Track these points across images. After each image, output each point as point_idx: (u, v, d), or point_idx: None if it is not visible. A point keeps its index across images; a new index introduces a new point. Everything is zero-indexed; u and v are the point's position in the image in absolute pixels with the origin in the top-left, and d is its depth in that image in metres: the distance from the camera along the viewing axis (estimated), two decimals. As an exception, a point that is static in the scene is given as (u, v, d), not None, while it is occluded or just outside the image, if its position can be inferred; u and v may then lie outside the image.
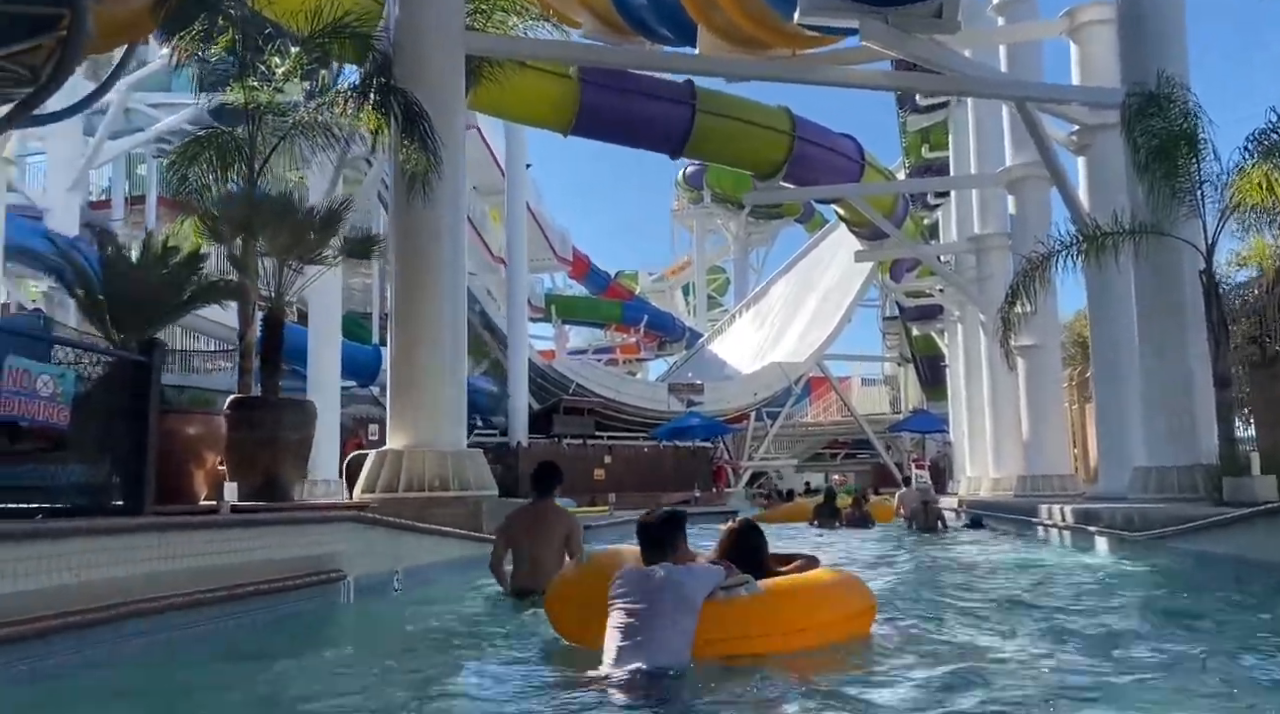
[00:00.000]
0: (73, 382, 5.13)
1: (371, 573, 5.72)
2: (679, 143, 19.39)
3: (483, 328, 32.62)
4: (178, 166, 8.91)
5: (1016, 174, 19.25)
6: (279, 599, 4.70)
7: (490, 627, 5.45)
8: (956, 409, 28.85)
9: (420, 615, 5.80)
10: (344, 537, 5.33)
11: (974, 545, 13.18)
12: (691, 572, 4.26)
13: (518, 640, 5.03)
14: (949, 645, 4.88)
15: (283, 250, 7.64)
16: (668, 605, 4.05)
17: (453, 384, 10.06)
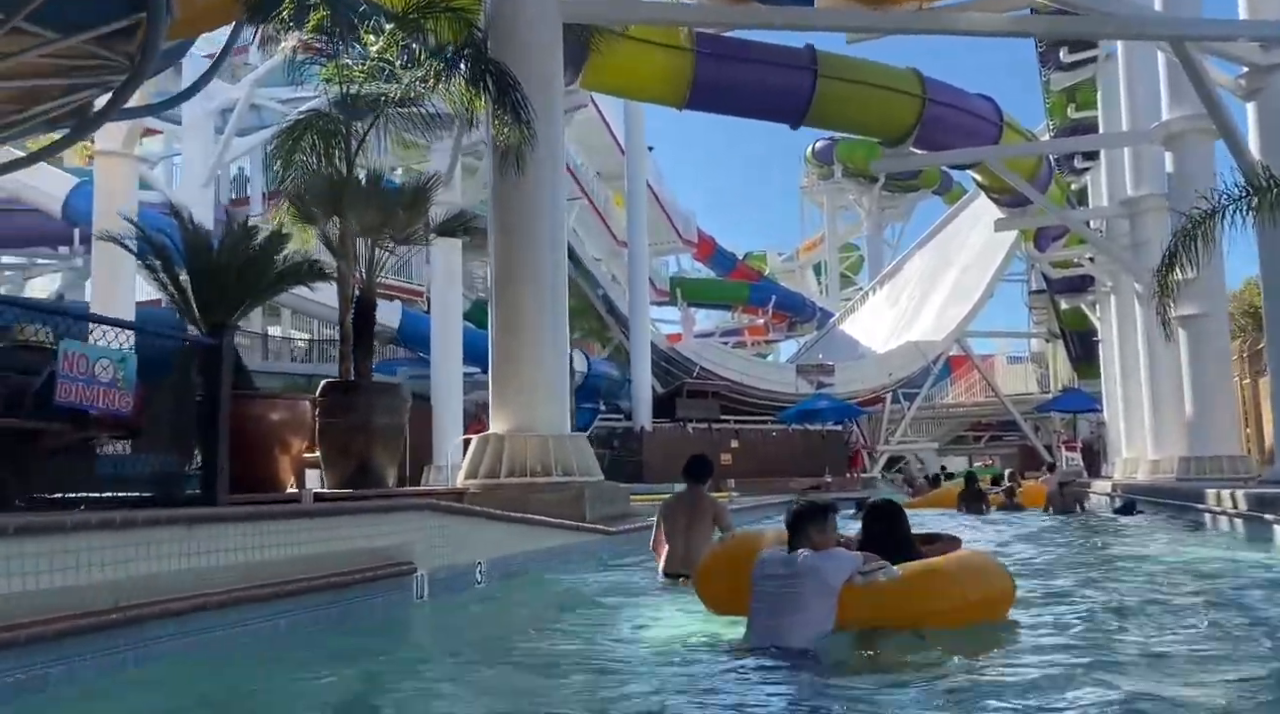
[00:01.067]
0: (135, 366, 4.94)
1: (450, 565, 5.39)
2: (800, 111, 18.53)
3: (606, 312, 32.58)
4: (281, 152, 8.85)
5: (1175, 128, 17.47)
6: (337, 596, 4.40)
7: (584, 613, 5.47)
8: (1110, 387, 26.85)
9: (496, 610, 5.48)
10: (416, 527, 5.01)
11: (1121, 532, 12.15)
12: (831, 557, 4.46)
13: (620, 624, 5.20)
14: (1084, 640, 4.70)
15: (372, 229, 7.43)
16: (807, 589, 4.31)
17: (554, 366, 9.72)
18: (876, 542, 4.76)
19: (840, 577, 4.38)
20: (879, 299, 43.25)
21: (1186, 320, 16.38)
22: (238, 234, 6.38)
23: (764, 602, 4.41)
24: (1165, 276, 10.75)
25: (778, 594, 4.37)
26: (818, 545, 4.53)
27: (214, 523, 4.00)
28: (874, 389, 34.87)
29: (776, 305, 50.75)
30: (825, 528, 4.63)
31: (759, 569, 4.51)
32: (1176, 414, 18.13)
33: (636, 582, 6.96)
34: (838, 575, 4.38)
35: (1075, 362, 36.80)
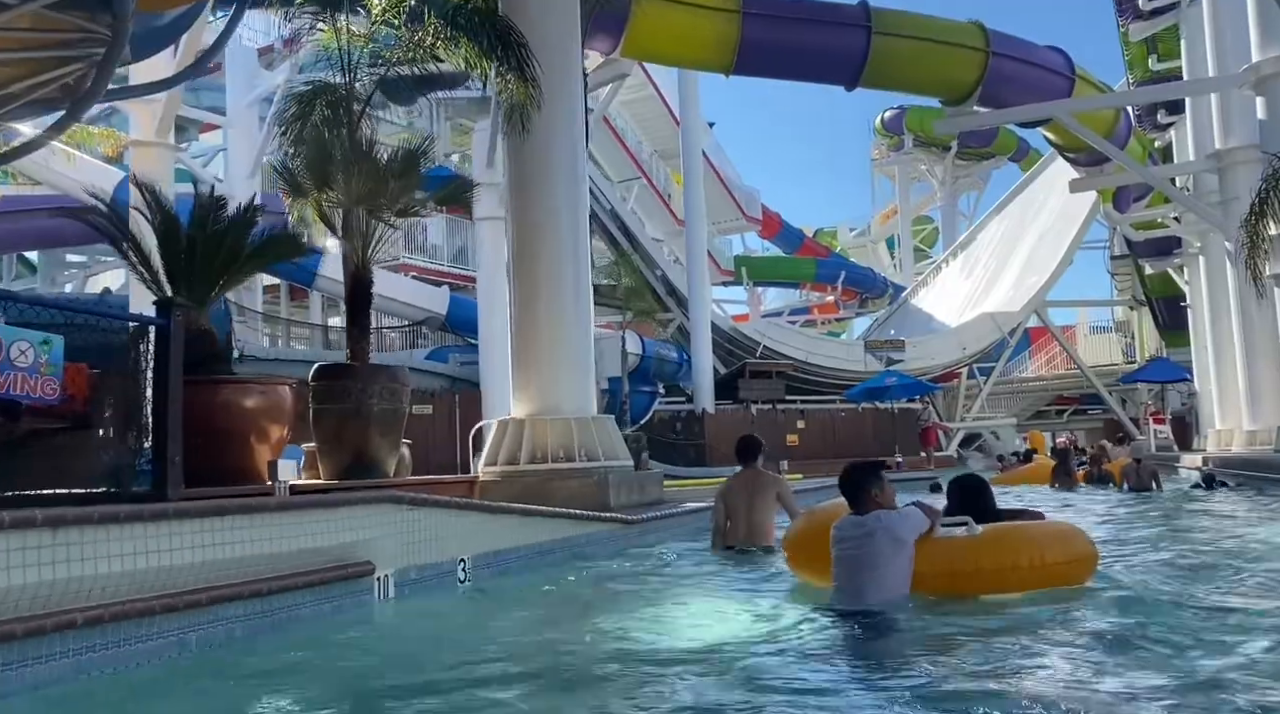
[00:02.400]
0: (61, 349, 4.47)
1: (424, 564, 4.85)
2: (855, 72, 17.55)
3: (666, 293, 31.87)
4: (292, 126, 8.42)
5: (1266, 70, 16.08)
6: (267, 605, 3.87)
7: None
8: (1201, 355, 25.19)
9: (473, 612, 4.92)
10: (376, 523, 4.47)
11: (1197, 510, 11.26)
12: (903, 515, 4.70)
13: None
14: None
15: (361, 199, 6.92)
16: (883, 547, 4.52)
17: (577, 344, 9.13)
18: (960, 510, 4.92)
19: (910, 531, 4.61)
20: (952, 271, 41.63)
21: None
22: (206, 207, 5.92)
23: (841, 565, 4.69)
24: (1255, 227, 9.66)
25: (853, 555, 4.62)
26: (882, 504, 4.77)
27: (121, 523, 3.50)
28: (947, 364, 33.49)
29: (846, 281, 49.35)
30: (882, 485, 4.87)
31: (835, 536, 4.78)
32: (1274, 382, 16.84)
33: (657, 571, 6.40)
34: (908, 529, 4.60)
35: (1163, 329, 34.80)
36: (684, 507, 8.87)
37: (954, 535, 4.67)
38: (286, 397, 6.19)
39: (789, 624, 4.42)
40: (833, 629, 4.26)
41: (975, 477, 5.45)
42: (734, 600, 5.22)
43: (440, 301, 21.37)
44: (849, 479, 4.92)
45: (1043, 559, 4.78)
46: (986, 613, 4.41)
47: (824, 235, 64.85)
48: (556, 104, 8.98)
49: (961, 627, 4.19)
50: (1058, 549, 4.92)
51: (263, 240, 6.13)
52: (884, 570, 4.52)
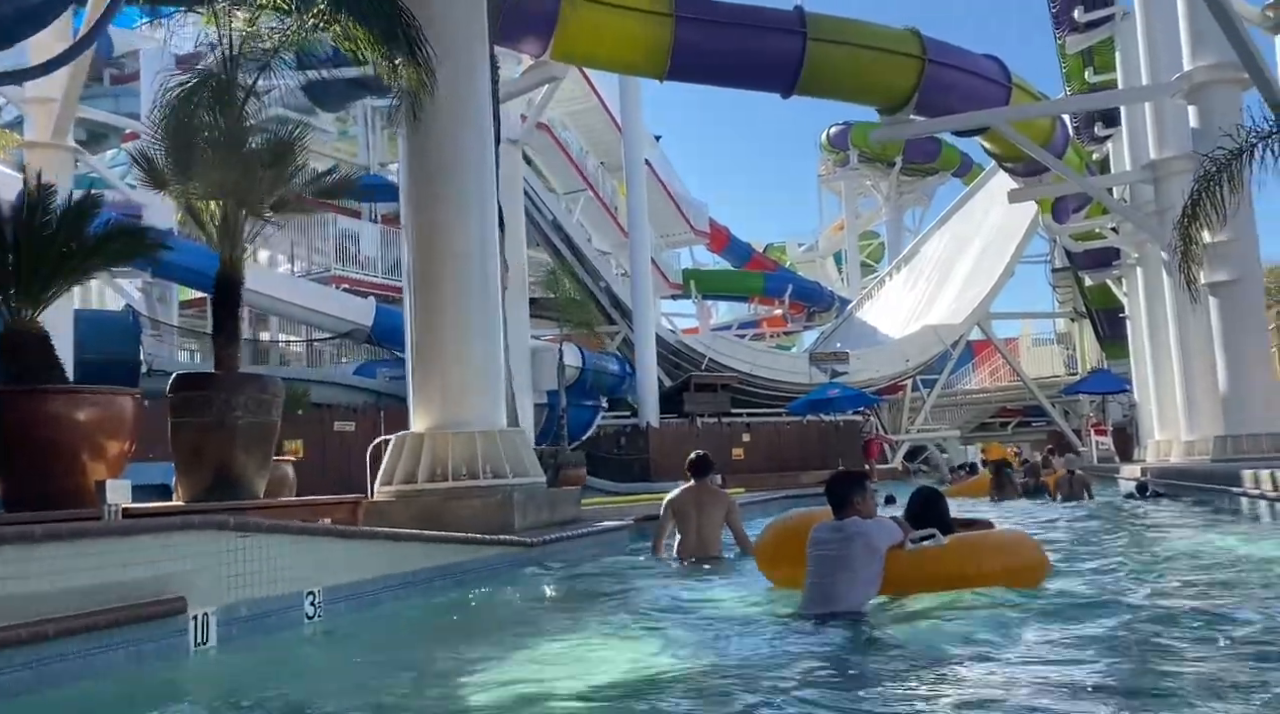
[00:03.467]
0: None
1: (259, 598, 4.21)
2: (790, 78, 17.19)
3: (611, 306, 31.36)
4: (172, 118, 7.71)
5: (1198, 79, 16.02)
6: (36, 653, 3.23)
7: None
8: (1140, 366, 25.30)
9: (310, 656, 4.30)
10: (195, 553, 3.84)
11: (1127, 516, 11.79)
12: (878, 524, 4.97)
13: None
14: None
15: (227, 191, 6.27)
16: (859, 552, 4.76)
17: (484, 353, 8.52)
18: (920, 523, 5.22)
19: (885, 540, 4.89)
20: (896, 284, 41.71)
21: (1217, 287, 14.94)
22: (34, 201, 5.24)
23: (816, 565, 4.92)
24: (1187, 230, 9.38)
25: (829, 557, 4.85)
26: (862, 512, 5.05)
27: None
28: (891, 376, 33.38)
29: (793, 295, 49.28)
30: (865, 495, 5.15)
31: (813, 537, 5.02)
32: (1210, 392, 16.69)
33: (553, 597, 5.83)
34: (883, 539, 4.88)
35: (1103, 341, 35.06)
36: (598, 526, 8.30)
37: (924, 547, 4.99)
38: (128, 408, 5.50)
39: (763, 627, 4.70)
40: (808, 630, 4.52)
41: (931, 488, 5.93)
42: (651, 623, 5.08)
43: (366, 313, 20.62)
44: (836, 485, 5.24)
45: (1003, 567, 5.22)
46: (948, 616, 4.67)
47: (773, 250, 65.00)
48: (461, 97, 8.42)
49: (928, 627, 4.49)
50: (1016, 557, 5.40)
51: (101, 235, 5.48)
52: (857, 574, 4.78)
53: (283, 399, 6.53)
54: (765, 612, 5.14)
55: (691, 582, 6.65)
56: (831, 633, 4.38)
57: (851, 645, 4.19)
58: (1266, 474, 8.24)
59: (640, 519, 9.40)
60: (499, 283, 8.85)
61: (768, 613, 5.08)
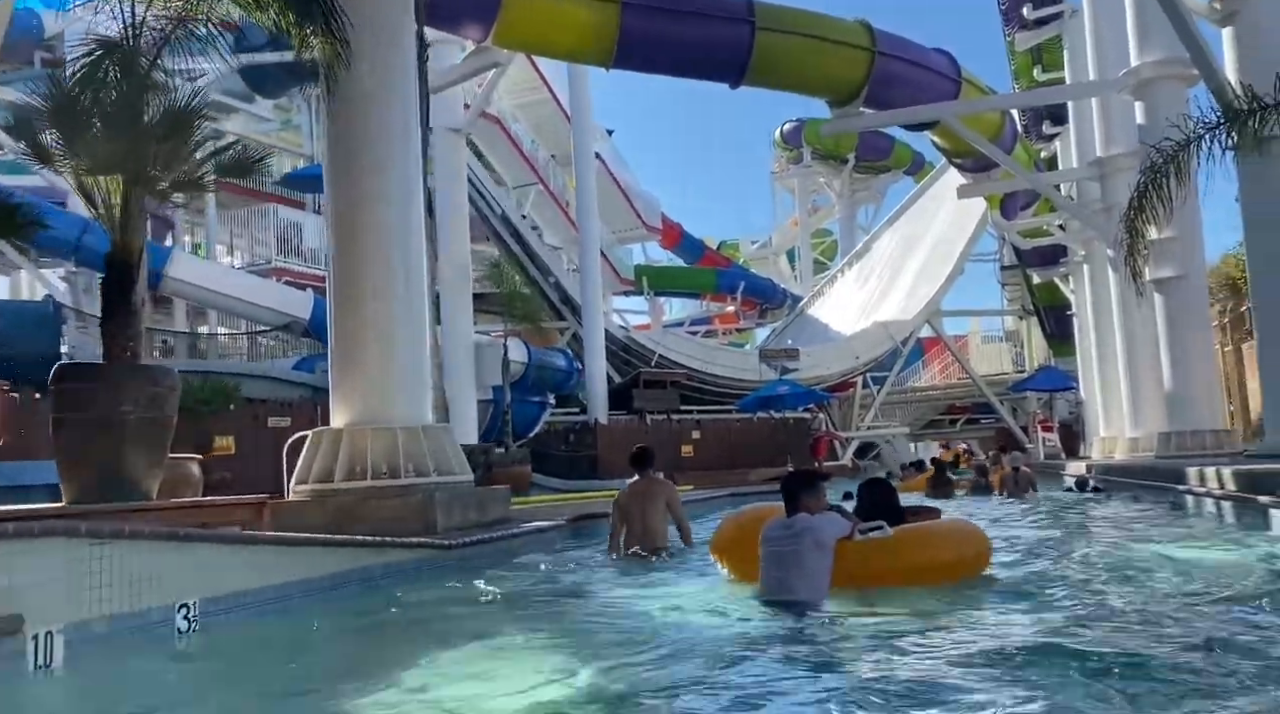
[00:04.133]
0: None
1: (115, 614, 3.74)
2: (739, 68, 16.90)
3: (561, 301, 30.90)
4: (82, 91, 7.13)
5: (1145, 74, 16.03)
6: None
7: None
8: (1086, 362, 25.44)
9: (177, 676, 3.84)
10: (34, 564, 3.39)
11: (1067, 511, 11.96)
12: (825, 519, 5.12)
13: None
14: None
15: (115, 167, 5.75)
16: (805, 547, 4.93)
17: (409, 345, 8.06)
18: (871, 512, 5.42)
19: (833, 535, 5.06)
20: (848, 281, 41.76)
21: (1162, 284, 14.95)
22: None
23: (769, 561, 5.11)
24: (1134, 222, 9.20)
25: (780, 553, 5.04)
26: (812, 510, 5.20)
27: None
28: (841, 373, 33.33)
29: (745, 292, 49.17)
30: (816, 494, 5.33)
31: (764, 535, 5.22)
32: (1155, 388, 16.74)
33: (465, 606, 5.41)
34: (830, 534, 5.05)
35: (1051, 338, 35.37)
36: (527, 526, 7.89)
37: (871, 538, 5.16)
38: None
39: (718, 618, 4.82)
40: (761, 620, 4.68)
41: (881, 479, 6.29)
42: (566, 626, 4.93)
43: (303, 306, 19.96)
44: (791, 483, 5.44)
45: (948, 555, 5.47)
46: (898, 604, 4.81)
47: (727, 247, 64.89)
48: (384, 70, 7.95)
49: (878, 616, 4.63)
50: (960, 546, 5.64)
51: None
52: (807, 569, 4.94)
53: (179, 392, 6.02)
54: (710, 601, 5.26)
55: (628, 576, 6.65)
56: (785, 619, 4.59)
57: (804, 631, 4.35)
58: (1213, 471, 8.10)
59: (574, 518, 9.01)
60: (426, 271, 8.39)
61: (710, 603, 5.21)
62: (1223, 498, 7.73)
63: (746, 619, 4.73)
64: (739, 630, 4.51)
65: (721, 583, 5.85)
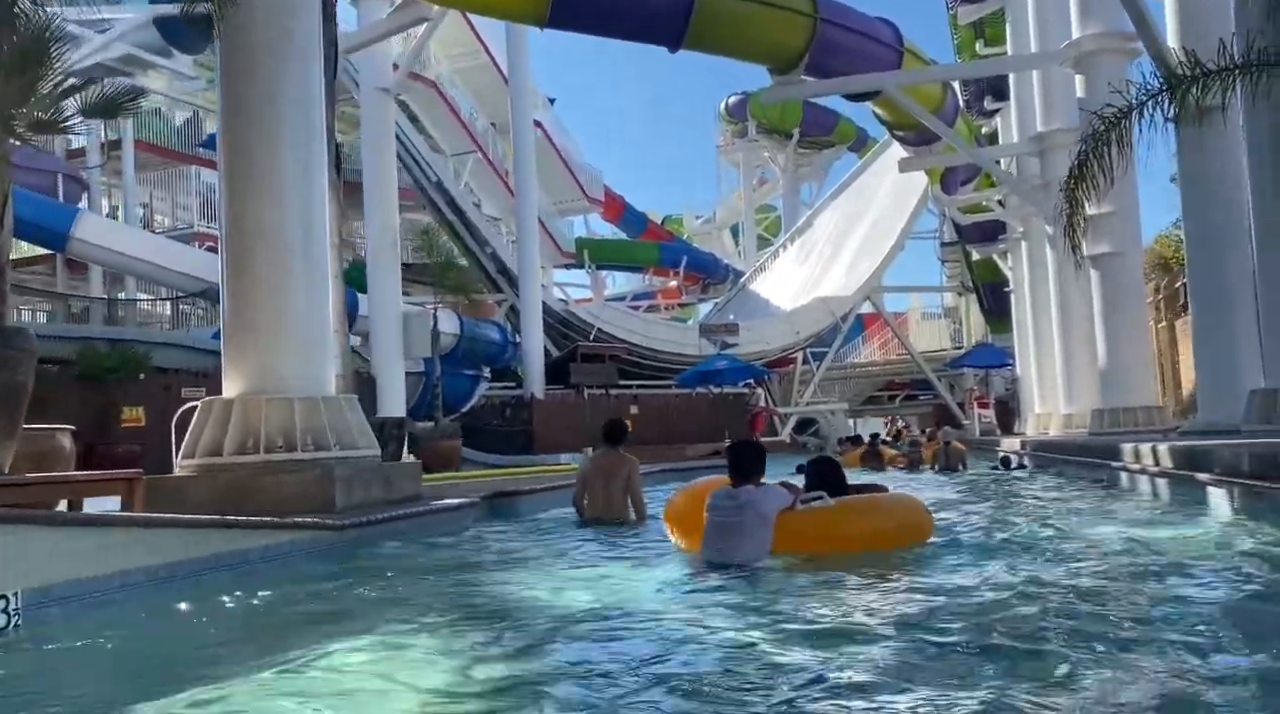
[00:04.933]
0: None
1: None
2: (677, 31, 16.33)
3: (498, 272, 30.20)
4: None
5: (1086, 47, 15.89)
6: None
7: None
8: (1023, 339, 25.56)
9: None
10: None
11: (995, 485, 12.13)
12: (767, 492, 5.40)
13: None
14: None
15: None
16: (749, 520, 5.27)
17: (309, 310, 7.44)
18: (818, 487, 5.60)
19: (774, 508, 5.28)
20: (789, 257, 41.62)
21: (1099, 260, 14.87)
22: None
23: (713, 529, 5.34)
24: (1074, 191, 8.94)
25: (724, 523, 5.28)
26: (755, 482, 5.43)
27: None
28: (782, 348, 33.20)
29: (688, 266, 48.73)
30: (761, 466, 5.55)
31: (711, 504, 5.44)
32: (1089, 365, 16.77)
33: (355, 592, 4.90)
34: (771, 506, 5.28)
35: (988, 315, 35.63)
36: (436, 505, 7.37)
37: (813, 507, 5.37)
38: None
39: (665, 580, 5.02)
40: (703, 583, 4.88)
41: (831, 460, 6.43)
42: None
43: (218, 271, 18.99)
44: (740, 454, 5.60)
45: (888, 525, 5.69)
46: (837, 568, 4.95)
47: (671, 222, 64.34)
48: (280, 11, 7.29)
49: (814, 578, 4.81)
50: (901, 516, 5.85)
51: None
52: (748, 538, 5.19)
53: (35, 357, 5.39)
54: (655, 566, 5.48)
55: (545, 549, 6.59)
56: (724, 581, 4.79)
57: (742, 593, 4.52)
58: (1149, 448, 7.90)
59: (490, 496, 8.52)
60: (328, 230, 7.77)
61: (655, 568, 5.42)
62: (1160, 475, 7.52)
63: (683, 581, 4.99)
64: (676, 591, 4.74)
65: (671, 551, 6.02)
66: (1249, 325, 10.16)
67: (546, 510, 9.34)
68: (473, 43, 34.44)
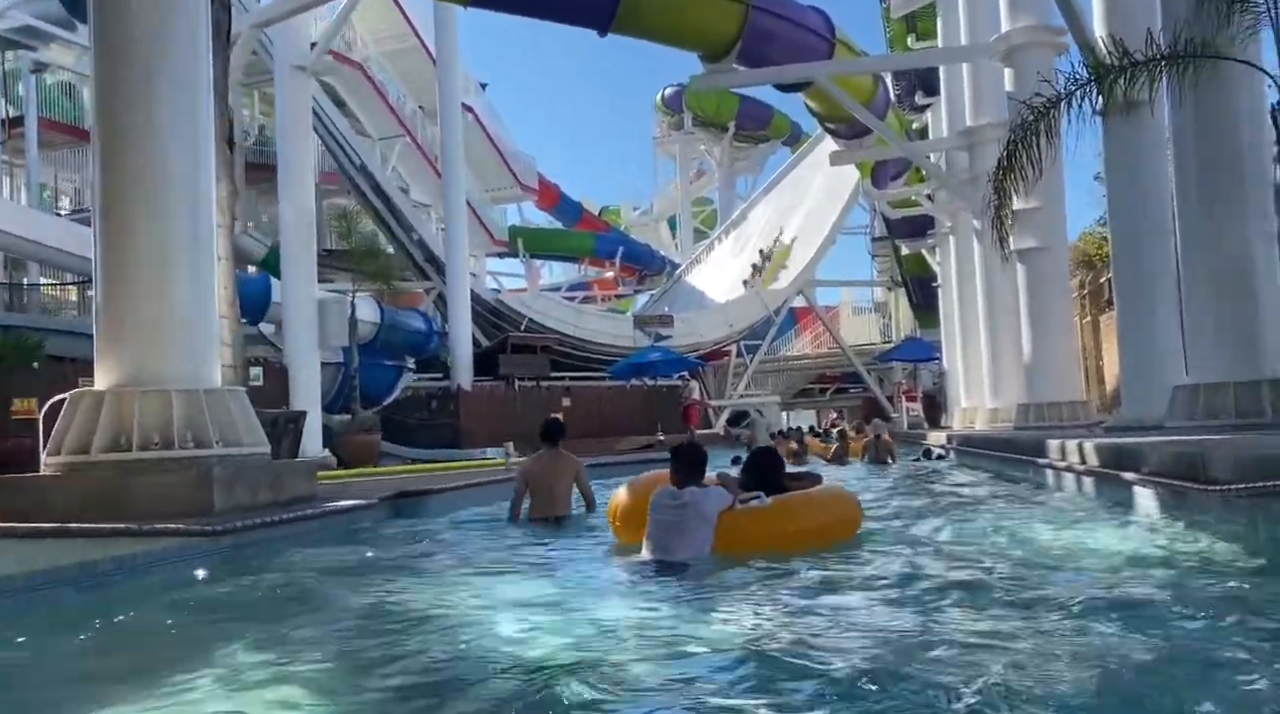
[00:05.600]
0: None
1: None
2: (607, 13, 15.90)
3: (425, 260, 29.44)
4: None
5: (1016, 40, 15.88)
6: None
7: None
8: (950, 333, 25.70)
9: None
10: None
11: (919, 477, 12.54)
12: (708, 493, 5.64)
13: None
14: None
15: None
16: (690, 518, 5.49)
17: (193, 292, 6.85)
18: (756, 479, 5.90)
19: (715, 508, 5.49)
20: (724, 249, 41.52)
21: (1025, 254, 14.86)
22: None
23: (656, 527, 5.54)
24: (1002, 181, 8.76)
25: (667, 521, 5.50)
26: (698, 482, 5.64)
27: None
28: (715, 340, 33.01)
29: (624, 257, 48.44)
30: (704, 467, 5.78)
31: (654, 503, 5.64)
32: (1015, 360, 16.81)
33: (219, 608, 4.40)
34: (712, 507, 5.49)
35: (917, 309, 35.92)
36: (330, 506, 6.85)
37: (751, 507, 5.63)
38: None
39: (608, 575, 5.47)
40: (645, 578, 5.15)
41: (772, 451, 6.81)
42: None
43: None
44: (684, 456, 5.81)
45: (822, 520, 5.99)
46: (774, 561, 5.20)
47: (609, 213, 63.96)
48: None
49: (754, 571, 5.01)
50: (832, 512, 6.15)
51: None
52: (690, 537, 5.41)
53: None
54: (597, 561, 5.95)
55: (451, 555, 6.42)
56: (665, 577, 5.03)
57: (683, 588, 4.77)
58: (1075, 444, 7.74)
59: (393, 496, 8.03)
60: (215, 207, 7.18)
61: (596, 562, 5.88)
62: (1085, 474, 7.36)
63: (624, 577, 5.25)
64: (617, 585, 5.04)
65: (613, 546, 6.26)
66: (1172, 321, 10.14)
67: (461, 510, 8.91)
68: (401, 25, 33.52)
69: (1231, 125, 8.19)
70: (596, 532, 7.13)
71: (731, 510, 5.53)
